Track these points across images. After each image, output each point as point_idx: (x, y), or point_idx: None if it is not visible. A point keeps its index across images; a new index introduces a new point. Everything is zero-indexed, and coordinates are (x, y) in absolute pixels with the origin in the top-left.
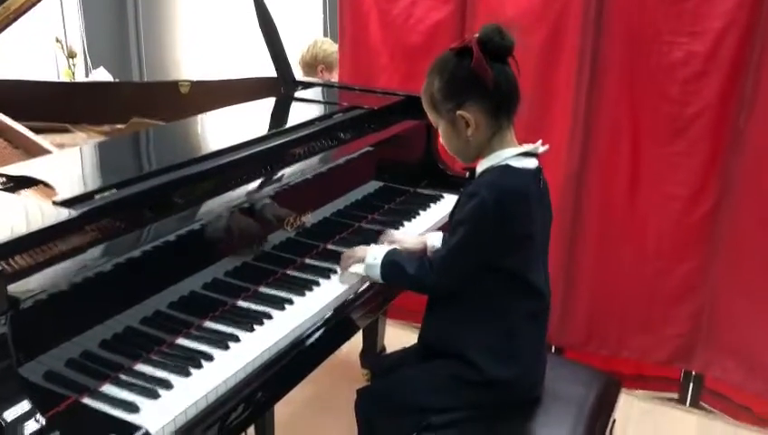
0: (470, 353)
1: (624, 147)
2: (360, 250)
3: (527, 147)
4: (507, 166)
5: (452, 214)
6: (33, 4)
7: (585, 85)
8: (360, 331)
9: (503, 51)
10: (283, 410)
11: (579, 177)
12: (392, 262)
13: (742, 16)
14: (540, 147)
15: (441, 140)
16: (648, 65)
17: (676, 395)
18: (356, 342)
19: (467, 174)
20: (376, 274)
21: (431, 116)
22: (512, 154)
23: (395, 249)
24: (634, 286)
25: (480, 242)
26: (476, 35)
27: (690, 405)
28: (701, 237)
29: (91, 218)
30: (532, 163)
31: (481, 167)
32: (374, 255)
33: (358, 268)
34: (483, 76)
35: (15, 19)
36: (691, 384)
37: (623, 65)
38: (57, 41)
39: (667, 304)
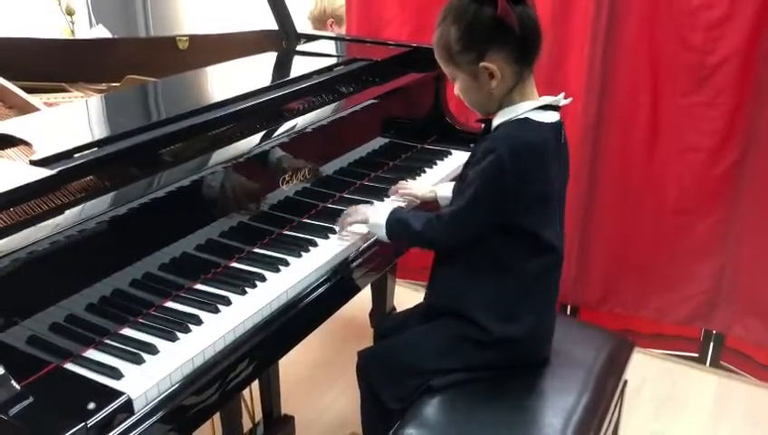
0: (475, 313)
1: (643, 97)
2: (362, 209)
3: (548, 99)
4: (526, 119)
5: (465, 168)
6: None
7: (602, 33)
8: (370, 291)
9: None
10: (289, 369)
11: (596, 129)
12: (398, 219)
13: None
14: (562, 99)
15: (458, 93)
16: (668, 10)
17: (695, 354)
18: (367, 301)
19: (482, 126)
20: (381, 233)
21: (447, 69)
22: (531, 107)
23: (399, 206)
24: (653, 242)
25: (495, 200)
26: None
27: (710, 365)
28: (724, 191)
29: (69, 178)
30: (552, 117)
31: (498, 120)
32: (378, 213)
33: (359, 228)
34: (510, 22)
35: None
36: (711, 343)
37: (642, 10)
38: None
39: (688, 260)
